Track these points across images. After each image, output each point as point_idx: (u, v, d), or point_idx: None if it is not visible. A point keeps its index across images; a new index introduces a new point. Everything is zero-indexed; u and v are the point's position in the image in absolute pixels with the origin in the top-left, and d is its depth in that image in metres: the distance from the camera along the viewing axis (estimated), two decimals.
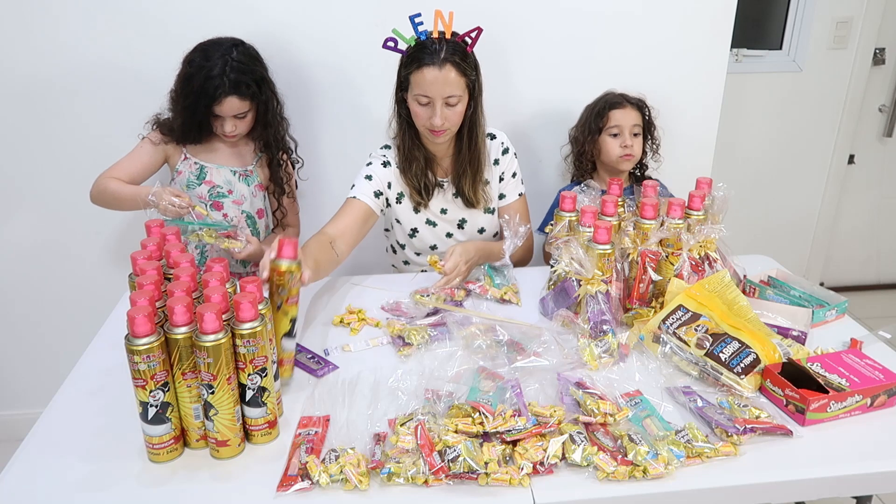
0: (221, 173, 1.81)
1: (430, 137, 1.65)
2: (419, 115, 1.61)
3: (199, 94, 1.64)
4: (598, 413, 1.09)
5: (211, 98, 1.64)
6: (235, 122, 1.72)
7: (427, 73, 1.54)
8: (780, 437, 1.09)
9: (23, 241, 2.11)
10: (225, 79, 1.63)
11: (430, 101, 1.57)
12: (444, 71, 1.54)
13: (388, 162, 1.74)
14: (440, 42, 1.55)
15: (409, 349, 1.34)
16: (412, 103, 1.61)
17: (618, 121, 1.90)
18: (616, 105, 1.91)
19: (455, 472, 0.99)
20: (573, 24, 2.04)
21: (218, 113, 1.68)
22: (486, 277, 1.65)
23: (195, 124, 1.71)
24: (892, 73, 2.94)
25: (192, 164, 1.79)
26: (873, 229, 3.25)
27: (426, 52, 1.55)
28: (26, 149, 2.00)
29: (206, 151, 1.81)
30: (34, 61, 1.91)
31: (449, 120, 1.60)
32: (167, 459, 1.05)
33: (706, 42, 2.11)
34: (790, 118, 2.91)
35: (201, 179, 1.80)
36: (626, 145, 1.90)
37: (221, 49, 1.66)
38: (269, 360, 1.06)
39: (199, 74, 1.64)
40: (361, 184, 1.71)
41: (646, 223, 1.43)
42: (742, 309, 1.32)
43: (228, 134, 1.73)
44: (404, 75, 1.60)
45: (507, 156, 1.80)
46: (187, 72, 1.67)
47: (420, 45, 1.57)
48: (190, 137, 1.76)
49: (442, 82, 1.55)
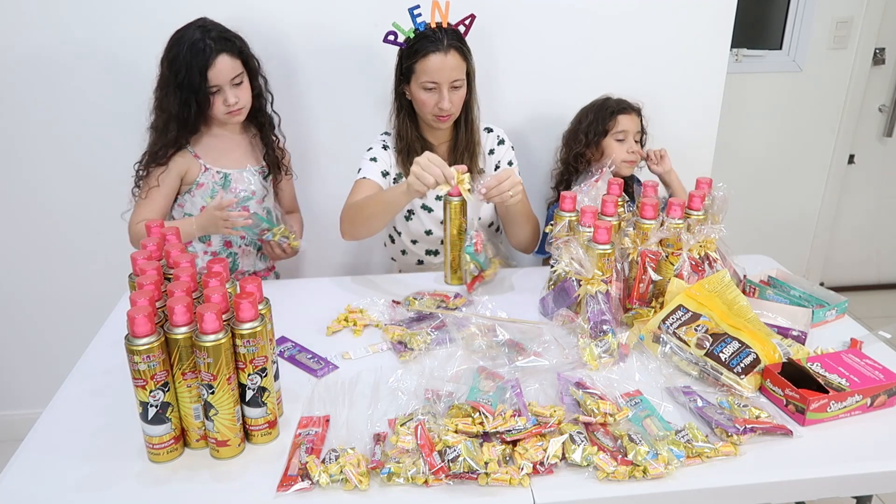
0: (244, 176, 1.77)
1: (436, 124, 1.70)
2: (426, 101, 1.65)
3: (190, 66, 1.59)
4: (598, 413, 1.09)
5: (203, 63, 1.59)
6: (236, 92, 1.66)
7: (433, 59, 1.62)
8: (780, 437, 1.09)
9: (23, 241, 2.11)
10: (209, 41, 1.60)
11: (437, 86, 1.64)
12: (450, 56, 1.63)
13: (388, 145, 1.78)
14: (441, 30, 1.63)
15: (410, 354, 1.33)
16: (417, 91, 1.66)
17: (625, 126, 1.93)
18: (623, 111, 1.94)
19: (455, 472, 0.99)
20: (572, 23, 2.05)
21: (213, 81, 1.61)
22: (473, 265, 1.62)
23: (196, 100, 1.63)
24: (892, 73, 2.94)
25: (215, 173, 1.74)
26: (873, 229, 3.25)
27: (429, 40, 1.62)
28: (26, 148, 2.00)
29: (223, 157, 1.75)
30: (35, 51, 1.91)
31: (454, 104, 1.67)
32: (167, 459, 1.05)
33: (706, 42, 2.11)
34: (790, 118, 2.91)
35: (227, 187, 1.75)
36: (633, 150, 1.93)
37: (194, 25, 1.64)
38: (269, 360, 1.06)
39: (182, 50, 1.60)
40: (368, 165, 1.74)
41: (646, 223, 1.43)
42: (742, 309, 1.32)
43: (234, 108, 1.66)
44: (407, 66, 1.65)
45: (503, 146, 1.84)
46: (170, 57, 1.62)
47: (421, 35, 1.64)
48: (192, 123, 1.68)
49: (448, 67, 1.63)
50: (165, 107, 1.65)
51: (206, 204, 1.73)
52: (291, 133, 1.91)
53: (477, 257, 1.59)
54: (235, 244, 1.82)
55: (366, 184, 1.71)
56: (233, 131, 1.78)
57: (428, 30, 1.64)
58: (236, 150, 1.79)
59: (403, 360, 1.32)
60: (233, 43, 1.65)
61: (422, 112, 1.70)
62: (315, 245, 1.83)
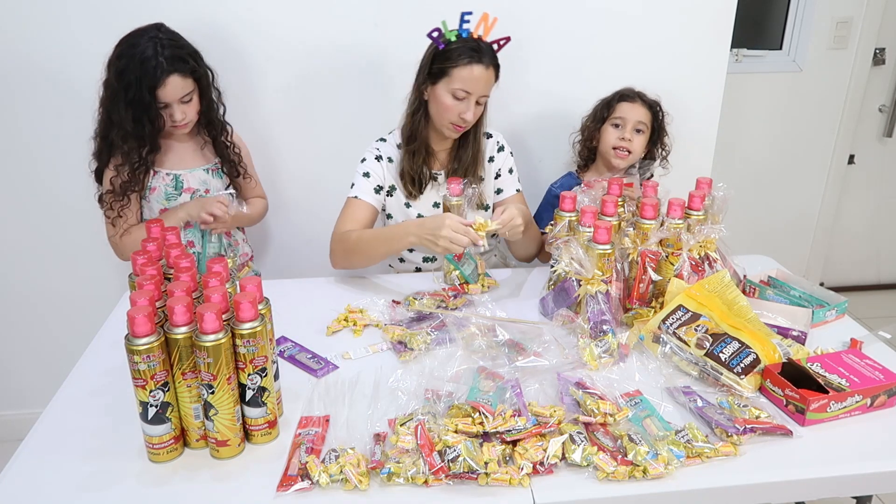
0: (196, 176, 1.76)
1: (448, 132, 1.69)
2: (450, 108, 1.64)
3: (140, 82, 1.55)
4: (598, 413, 1.09)
5: (153, 80, 1.55)
6: (184, 109, 1.63)
7: (476, 70, 1.60)
8: (780, 437, 1.09)
9: (23, 241, 2.11)
10: (161, 59, 1.55)
11: (468, 97, 1.63)
12: (489, 72, 1.63)
13: (381, 156, 1.76)
14: (485, 43, 1.63)
15: (410, 354, 1.33)
16: (445, 95, 1.63)
17: (623, 113, 1.88)
18: (626, 98, 1.90)
19: (455, 472, 0.99)
20: (572, 23, 2.05)
21: (162, 98, 1.59)
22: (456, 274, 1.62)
23: (147, 118, 1.60)
24: (892, 73, 2.94)
25: (165, 175, 1.73)
26: (873, 229, 3.25)
27: (474, 50, 1.61)
28: (26, 148, 2.00)
29: (173, 159, 1.75)
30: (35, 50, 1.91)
31: (476, 117, 1.67)
32: (167, 459, 1.05)
33: (706, 42, 2.11)
34: (790, 118, 2.91)
35: (179, 189, 1.75)
36: (624, 138, 1.86)
37: (147, 34, 1.59)
38: (269, 360, 1.06)
39: (132, 62, 1.55)
40: (360, 182, 1.73)
41: (646, 223, 1.43)
42: (742, 309, 1.32)
43: (179, 123, 1.64)
44: (441, 67, 1.62)
45: (503, 153, 1.83)
46: (118, 67, 1.58)
47: (464, 42, 1.61)
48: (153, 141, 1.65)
49: (485, 81, 1.63)
50: (117, 120, 1.62)
51: (163, 207, 1.74)
52: (291, 133, 1.91)
53: (459, 266, 1.59)
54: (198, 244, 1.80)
55: (357, 205, 1.70)
56: (180, 134, 1.74)
57: (472, 39, 1.61)
58: (183, 151, 1.77)
59: (403, 360, 1.32)
60: (185, 62, 1.60)
61: (439, 116, 1.66)
62: (315, 245, 1.83)
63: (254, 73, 1.99)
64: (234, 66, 1.92)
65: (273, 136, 2.07)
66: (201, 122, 1.74)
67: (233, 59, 1.93)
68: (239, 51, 1.96)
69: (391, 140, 1.78)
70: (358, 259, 1.67)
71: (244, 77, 1.98)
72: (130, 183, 1.66)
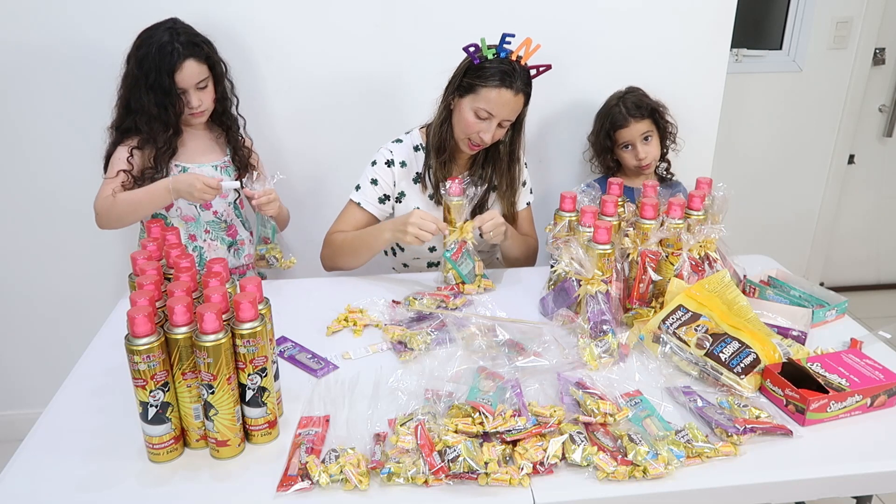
0: (204, 172, 1.77)
1: (465, 148, 1.69)
2: (471, 125, 1.63)
3: (159, 68, 1.63)
4: (598, 413, 1.09)
5: (170, 65, 1.63)
6: (200, 95, 1.70)
7: (503, 94, 1.58)
8: (780, 437, 1.09)
9: (23, 241, 2.11)
10: (177, 44, 1.63)
11: (490, 118, 1.61)
12: (518, 98, 1.61)
13: (392, 160, 1.74)
14: (518, 66, 1.60)
15: (410, 354, 1.33)
16: (467, 112, 1.62)
17: (625, 138, 1.95)
18: (619, 126, 1.94)
19: (455, 472, 0.99)
20: (571, 23, 2.04)
21: (179, 84, 1.65)
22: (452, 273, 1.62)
23: (169, 102, 1.66)
24: (892, 73, 2.94)
25: (173, 167, 1.75)
26: (873, 229, 3.25)
27: (506, 73, 1.58)
28: (27, 147, 2.00)
29: (185, 152, 1.77)
30: (33, 50, 1.91)
31: (494, 139, 1.65)
32: (167, 459, 1.05)
33: (706, 42, 2.11)
34: (790, 118, 2.91)
35: None
36: (640, 158, 1.94)
37: (163, 26, 1.67)
38: (269, 360, 1.06)
39: (151, 50, 1.63)
40: (366, 188, 1.73)
41: (646, 223, 1.43)
42: (742, 309, 1.32)
43: (196, 111, 1.71)
44: (473, 84, 1.61)
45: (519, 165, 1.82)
46: (138, 56, 1.65)
47: (499, 62, 1.59)
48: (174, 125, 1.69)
49: (512, 107, 1.61)
50: (139, 107, 1.67)
51: None
52: (295, 135, 1.91)
53: (456, 266, 1.59)
54: (200, 238, 1.81)
55: (357, 212, 1.72)
56: (195, 127, 1.79)
57: (508, 61, 1.59)
58: (195, 145, 1.80)
59: (403, 360, 1.32)
60: (200, 48, 1.68)
61: (459, 131, 1.66)
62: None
63: (258, 75, 1.99)
64: (239, 68, 1.91)
65: (276, 137, 2.06)
66: (216, 111, 1.78)
67: (238, 61, 1.92)
68: (243, 53, 1.96)
69: (408, 141, 1.77)
70: (342, 260, 1.70)
71: (249, 80, 1.97)
72: (154, 169, 1.70)
